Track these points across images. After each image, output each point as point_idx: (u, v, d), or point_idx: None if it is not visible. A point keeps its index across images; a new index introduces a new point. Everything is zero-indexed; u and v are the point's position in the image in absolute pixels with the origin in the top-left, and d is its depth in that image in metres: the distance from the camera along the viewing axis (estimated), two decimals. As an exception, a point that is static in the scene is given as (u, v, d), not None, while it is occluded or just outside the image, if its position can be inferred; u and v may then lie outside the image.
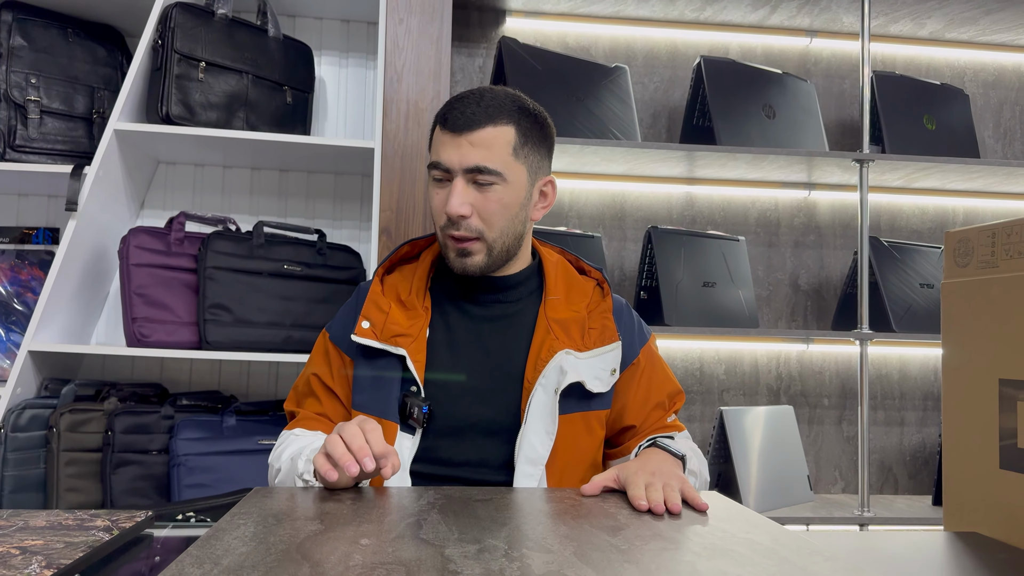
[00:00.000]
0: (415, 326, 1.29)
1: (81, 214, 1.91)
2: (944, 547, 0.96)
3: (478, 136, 1.23)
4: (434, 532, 0.80)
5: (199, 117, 1.97)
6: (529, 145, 1.27)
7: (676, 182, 2.55)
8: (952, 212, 2.68)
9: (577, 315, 1.31)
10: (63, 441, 1.86)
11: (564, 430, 1.24)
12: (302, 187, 2.32)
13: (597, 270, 1.40)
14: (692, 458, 1.24)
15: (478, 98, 1.25)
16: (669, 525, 0.88)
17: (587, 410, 1.28)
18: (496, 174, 1.23)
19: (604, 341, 1.30)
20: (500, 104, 1.25)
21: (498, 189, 1.24)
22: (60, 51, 2.04)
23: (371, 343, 1.27)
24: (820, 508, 2.29)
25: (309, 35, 2.32)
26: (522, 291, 1.35)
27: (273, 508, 0.90)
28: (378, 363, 1.28)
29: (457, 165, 1.23)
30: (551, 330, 1.28)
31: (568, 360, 1.25)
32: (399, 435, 1.25)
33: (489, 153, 1.23)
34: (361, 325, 1.28)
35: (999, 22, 2.52)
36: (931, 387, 2.62)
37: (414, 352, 1.26)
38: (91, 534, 0.86)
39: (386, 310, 1.30)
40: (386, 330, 1.27)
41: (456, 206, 1.22)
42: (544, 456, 1.22)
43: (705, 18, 2.54)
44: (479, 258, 1.26)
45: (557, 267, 1.37)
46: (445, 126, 1.25)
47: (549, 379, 1.24)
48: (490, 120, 1.23)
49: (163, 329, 1.92)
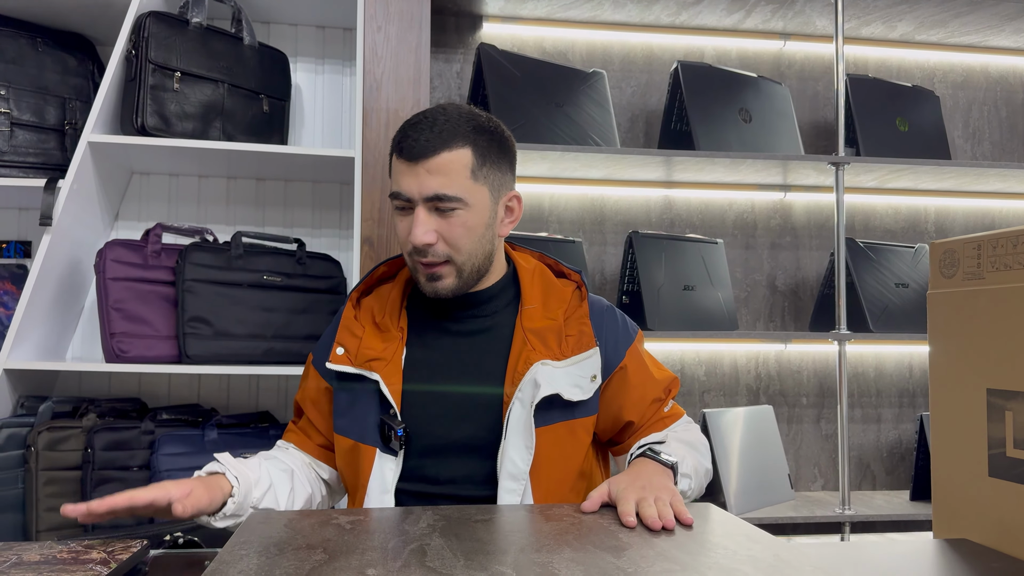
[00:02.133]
0: (389, 349, 1.29)
1: (55, 228, 1.87)
2: (936, 555, 0.97)
3: (434, 163, 1.21)
4: (439, 559, 0.80)
5: (175, 128, 1.94)
6: (488, 164, 1.26)
7: (655, 186, 2.56)
8: (924, 212, 2.73)
9: (554, 323, 1.30)
10: (42, 460, 1.83)
11: (544, 441, 1.23)
12: (280, 196, 2.30)
13: (576, 272, 1.38)
14: (685, 459, 1.24)
15: (431, 123, 1.23)
16: (671, 544, 0.88)
17: (571, 419, 1.26)
18: (456, 200, 1.22)
19: (581, 348, 1.28)
20: (454, 127, 1.23)
21: (460, 214, 1.23)
22: (29, 61, 2.00)
23: (345, 369, 1.27)
24: (801, 506, 2.32)
25: (284, 42, 2.30)
26: (497, 303, 1.34)
27: (273, 536, 0.89)
28: (355, 388, 1.28)
29: (417, 194, 1.22)
30: (528, 341, 1.27)
31: (544, 371, 1.24)
32: (380, 456, 1.25)
33: (447, 180, 1.21)
34: (336, 351, 1.28)
35: (967, 24, 2.57)
36: (906, 384, 2.66)
37: (388, 376, 1.26)
38: (88, 568, 0.84)
39: (359, 335, 1.30)
40: (360, 355, 1.28)
41: (420, 235, 1.21)
42: (525, 471, 1.22)
43: (681, 22, 2.55)
44: (449, 281, 1.26)
45: (533, 274, 1.36)
46: (401, 155, 1.23)
47: (525, 392, 1.23)
48: (445, 145, 1.21)
49: (142, 344, 1.89)
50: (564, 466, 1.27)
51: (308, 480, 1.32)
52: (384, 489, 1.23)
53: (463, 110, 1.27)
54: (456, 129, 1.23)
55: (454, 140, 1.22)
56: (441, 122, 1.23)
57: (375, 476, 1.24)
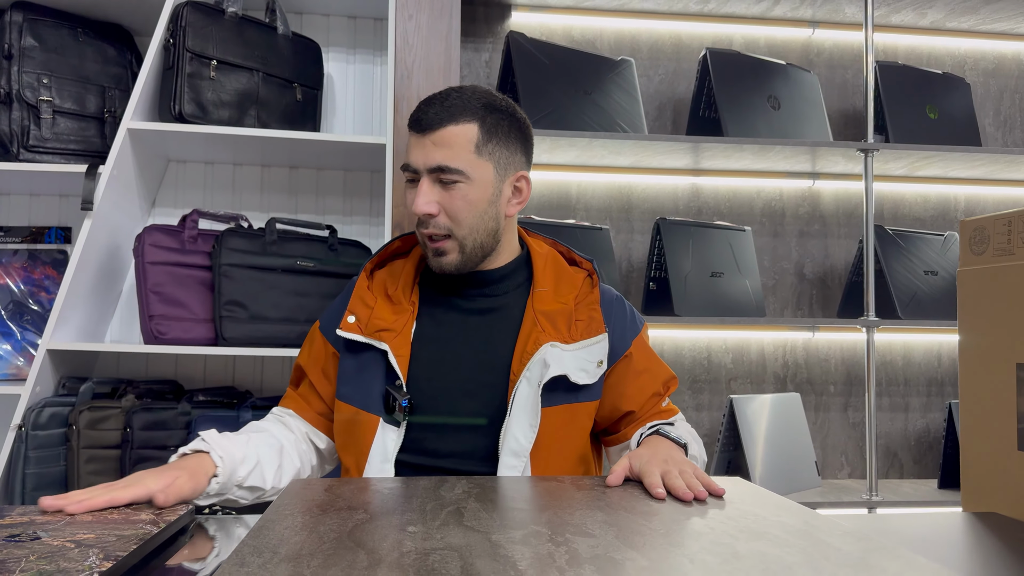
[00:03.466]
0: (399, 321, 1.31)
1: (96, 213, 1.92)
2: (965, 527, 0.98)
3: (439, 135, 1.24)
4: (477, 519, 0.83)
5: (211, 115, 1.99)
6: (495, 141, 1.28)
7: (682, 173, 2.57)
8: (954, 199, 2.71)
9: (564, 307, 1.32)
10: (83, 438, 1.88)
11: (549, 422, 1.25)
12: (312, 184, 2.34)
13: (588, 261, 1.40)
14: (692, 444, 1.27)
15: (443, 98, 1.27)
16: (700, 510, 0.90)
17: (574, 402, 1.28)
18: (458, 172, 1.24)
19: (590, 333, 1.30)
20: (464, 102, 1.26)
21: (462, 187, 1.25)
22: (71, 51, 2.05)
23: (355, 337, 1.29)
24: (828, 493, 2.33)
25: (316, 32, 2.34)
26: (508, 284, 1.36)
27: (314, 499, 0.92)
28: (362, 356, 1.31)
29: (422, 165, 1.25)
30: (537, 322, 1.29)
31: (553, 353, 1.25)
32: (383, 427, 1.27)
33: (450, 152, 1.24)
34: (347, 319, 1.31)
35: (999, 11, 2.55)
36: (935, 372, 2.65)
37: (397, 347, 1.28)
38: (139, 527, 0.88)
39: (371, 305, 1.33)
40: (370, 324, 1.30)
41: (421, 205, 1.24)
42: (527, 448, 1.23)
43: (709, 10, 2.56)
44: (452, 256, 1.29)
45: (546, 259, 1.38)
46: (412, 127, 1.27)
47: (533, 372, 1.25)
48: (451, 119, 1.24)
49: (180, 326, 1.94)
50: (564, 448, 1.29)
51: (299, 454, 1.33)
52: (385, 458, 1.26)
53: (479, 90, 1.30)
54: (466, 105, 1.26)
55: (461, 114, 1.25)
56: (453, 97, 1.27)
57: (376, 445, 1.26)
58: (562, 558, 0.69)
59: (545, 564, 0.67)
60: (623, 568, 0.67)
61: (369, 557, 0.69)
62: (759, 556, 0.71)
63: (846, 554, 0.72)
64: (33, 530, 0.86)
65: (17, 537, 0.83)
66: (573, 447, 1.31)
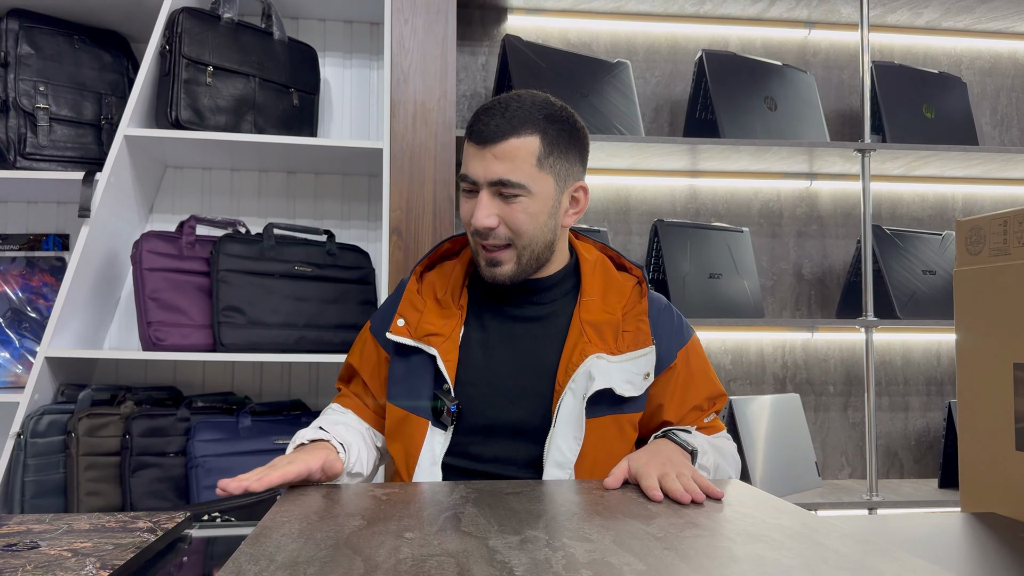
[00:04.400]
0: (448, 325, 1.31)
1: (93, 220, 1.92)
2: (964, 528, 0.98)
3: (501, 149, 1.22)
4: (474, 525, 0.83)
5: (208, 121, 1.99)
6: (556, 154, 1.26)
7: (680, 175, 2.57)
8: (952, 199, 2.71)
9: (612, 317, 1.30)
10: (82, 446, 1.88)
11: (594, 434, 1.24)
12: (310, 189, 2.34)
13: (638, 267, 1.38)
14: (707, 452, 1.24)
15: (503, 108, 1.24)
16: (699, 513, 0.90)
17: (619, 413, 1.27)
18: (519, 186, 1.23)
19: (638, 345, 1.29)
20: (526, 114, 1.24)
21: (523, 200, 1.24)
22: (67, 58, 2.06)
23: (405, 341, 1.30)
24: (829, 494, 2.32)
25: (313, 37, 2.34)
26: (557, 292, 1.35)
27: (312, 506, 0.92)
28: (412, 360, 1.31)
29: (482, 178, 1.24)
30: (584, 332, 1.28)
31: (599, 365, 1.25)
32: (431, 430, 1.27)
33: (512, 166, 1.22)
34: (396, 323, 1.31)
35: (994, 10, 2.55)
36: (934, 372, 2.65)
37: (445, 352, 1.28)
38: (136, 535, 0.88)
39: (421, 309, 1.32)
40: (420, 328, 1.30)
41: (482, 219, 1.23)
42: (572, 460, 1.23)
43: (705, 12, 2.56)
44: (508, 267, 1.27)
45: (595, 266, 1.36)
46: (471, 137, 1.25)
47: (579, 384, 1.24)
48: (514, 132, 1.22)
49: (178, 332, 1.94)
50: (608, 459, 1.26)
51: (372, 445, 1.36)
52: (433, 461, 1.26)
53: (538, 98, 1.28)
54: (527, 116, 1.24)
55: (523, 127, 1.23)
56: (513, 108, 1.24)
57: (425, 448, 1.26)
58: (559, 563, 0.69)
59: (542, 569, 0.67)
60: (620, 573, 0.67)
61: (365, 564, 0.69)
62: (756, 559, 0.71)
63: (844, 556, 0.72)
64: (31, 539, 0.86)
65: (15, 546, 0.83)
66: (617, 458, 1.27)
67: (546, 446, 1.24)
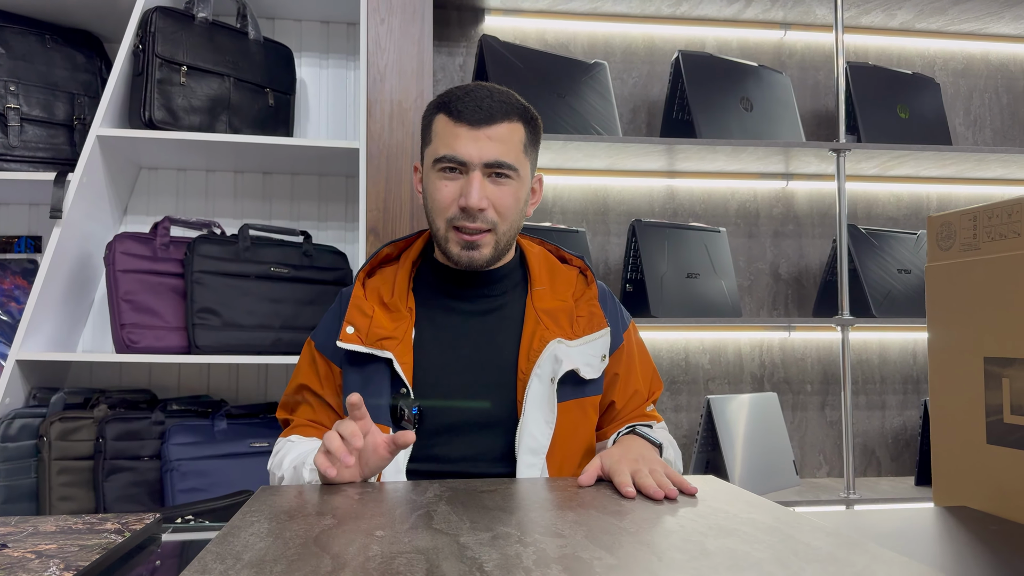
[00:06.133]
0: (400, 328, 1.29)
1: (65, 221, 1.90)
2: (936, 521, 0.99)
3: (496, 131, 1.24)
4: (446, 522, 0.82)
5: (182, 121, 1.97)
6: (532, 143, 1.31)
7: (657, 175, 2.58)
8: (926, 198, 2.74)
9: (564, 304, 1.33)
10: (54, 450, 1.85)
11: (562, 418, 1.26)
12: (286, 189, 2.32)
13: (579, 258, 1.42)
14: (668, 447, 1.27)
15: (488, 93, 1.26)
16: (672, 508, 0.90)
17: (582, 396, 1.30)
18: (512, 169, 1.26)
19: (592, 328, 1.32)
20: (510, 101, 1.27)
21: (512, 184, 1.27)
22: (38, 58, 2.03)
23: (357, 348, 1.27)
24: (807, 492, 2.34)
25: (289, 37, 2.33)
26: (507, 284, 1.36)
27: (283, 505, 0.91)
28: (366, 368, 1.28)
29: (476, 159, 1.24)
30: (540, 320, 1.30)
31: (560, 348, 1.27)
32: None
33: (506, 148, 1.25)
34: (346, 331, 1.28)
35: (967, 12, 2.58)
36: (910, 370, 2.67)
37: (400, 354, 1.26)
38: (103, 536, 0.87)
39: (369, 314, 1.30)
40: (371, 334, 1.28)
41: (477, 199, 1.23)
42: (545, 445, 1.24)
43: (681, 13, 2.57)
44: (487, 251, 1.28)
45: (540, 258, 1.39)
46: (460, 119, 1.24)
47: (544, 368, 1.26)
48: (506, 116, 1.25)
49: (152, 335, 1.92)
50: (576, 442, 1.30)
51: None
52: (397, 470, 1.24)
53: (505, 89, 1.31)
54: (513, 104, 1.28)
55: (512, 113, 1.27)
56: (497, 94, 1.27)
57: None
58: (529, 559, 0.69)
59: (512, 565, 0.67)
60: (590, 567, 0.66)
61: (333, 562, 0.68)
62: (728, 553, 0.71)
63: (815, 549, 0.72)
64: (-6, 542, 0.85)
65: (-23, 549, 0.82)
66: (583, 440, 1.31)
67: (517, 435, 1.24)
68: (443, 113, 1.27)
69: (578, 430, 1.30)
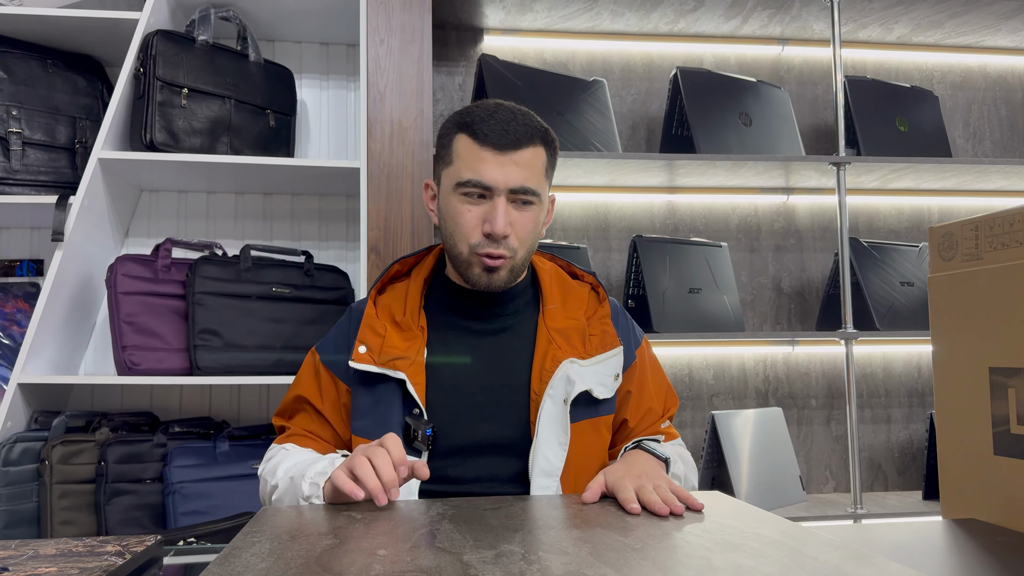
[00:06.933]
0: (412, 347, 1.27)
1: (67, 244, 1.90)
2: (944, 534, 0.98)
3: (521, 156, 1.23)
4: (449, 541, 0.81)
5: (183, 143, 1.98)
6: (551, 166, 1.30)
7: (657, 191, 2.58)
8: (927, 211, 2.74)
9: (576, 323, 1.31)
10: (56, 473, 1.84)
11: (575, 439, 1.24)
12: (287, 210, 2.33)
13: (590, 275, 1.40)
14: (677, 462, 1.25)
15: (511, 116, 1.24)
16: (677, 524, 0.89)
17: (595, 416, 1.28)
18: (535, 195, 1.24)
19: (605, 347, 1.30)
20: (534, 124, 1.25)
21: (534, 209, 1.26)
22: (40, 83, 2.04)
23: (369, 368, 1.24)
24: (814, 507, 2.32)
25: (289, 59, 2.34)
26: (519, 303, 1.34)
27: (285, 526, 0.91)
28: (377, 389, 1.26)
29: (502, 184, 1.22)
30: (552, 340, 1.28)
31: (573, 369, 1.25)
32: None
33: (530, 173, 1.23)
34: (358, 350, 1.26)
35: (964, 24, 2.59)
36: (915, 384, 2.66)
37: (413, 375, 1.24)
38: (104, 559, 0.86)
39: (382, 333, 1.28)
40: (383, 353, 1.25)
41: (503, 226, 1.21)
42: (559, 468, 1.22)
43: (679, 30, 2.58)
44: (504, 274, 1.26)
45: (551, 275, 1.37)
46: (485, 142, 1.22)
47: (557, 390, 1.24)
48: (530, 140, 1.23)
49: (153, 357, 1.92)
50: (590, 462, 1.27)
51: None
52: (409, 492, 1.21)
53: (525, 110, 1.28)
54: (536, 127, 1.25)
55: (536, 137, 1.25)
56: (520, 116, 1.25)
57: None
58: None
59: (516, 583, 0.66)
60: (595, 584, 0.66)
61: (336, 581, 0.67)
62: (734, 567, 0.70)
63: (822, 563, 0.71)
64: (-7, 566, 0.84)
65: (-24, 573, 0.81)
66: (598, 461, 1.29)
67: (530, 457, 1.23)
68: (465, 134, 1.24)
69: (592, 450, 1.28)
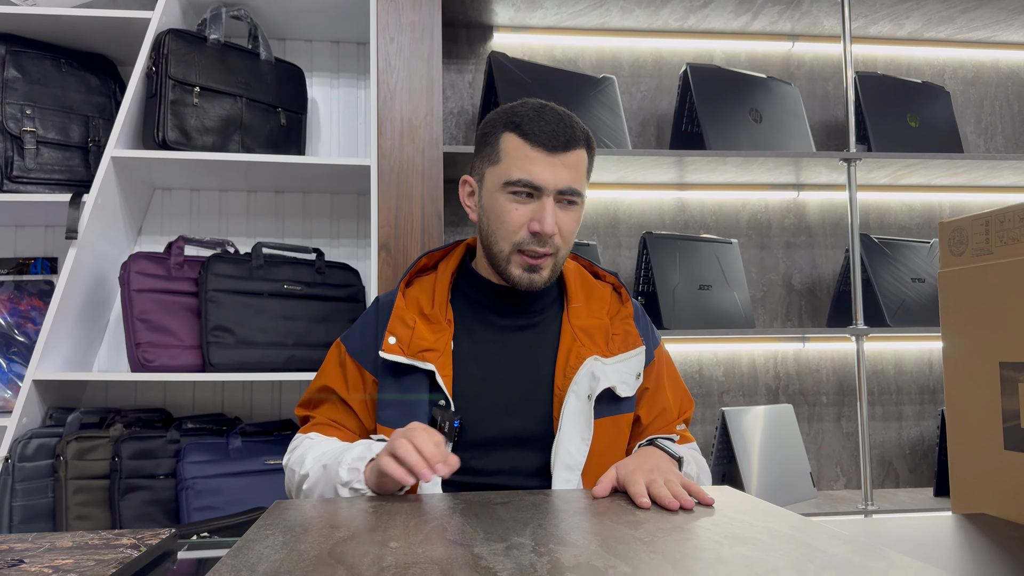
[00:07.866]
0: (441, 340, 1.29)
1: (81, 242, 1.92)
2: (954, 529, 0.98)
3: (570, 158, 1.25)
4: (460, 533, 0.82)
5: (195, 141, 1.99)
6: (591, 167, 1.32)
7: (667, 188, 2.58)
8: (939, 207, 2.73)
9: (600, 322, 1.33)
10: (70, 469, 1.86)
11: (597, 434, 1.26)
12: (298, 207, 2.34)
13: (612, 275, 1.42)
14: (690, 463, 1.27)
15: (559, 117, 1.26)
16: (687, 517, 0.90)
17: (617, 414, 1.30)
18: (580, 195, 1.27)
19: (628, 346, 1.32)
20: (579, 127, 1.27)
21: (577, 209, 1.28)
22: (54, 82, 2.06)
23: (399, 359, 1.26)
24: (824, 504, 2.32)
25: (300, 57, 2.35)
26: (545, 301, 1.36)
27: (297, 519, 0.92)
28: (405, 379, 1.27)
29: (552, 185, 1.24)
30: (577, 337, 1.30)
31: (597, 366, 1.27)
32: None
33: (577, 175, 1.26)
34: (388, 341, 1.27)
35: (975, 20, 2.58)
36: (927, 380, 2.65)
37: (442, 366, 1.26)
38: (119, 551, 0.87)
39: (411, 324, 1.29)
40: (413, 345, 1.27)
41: (551, 226, 1.23)
42: (581, 462, 1.24)
43: (689, 26, 2.58)
44: (546, 273, 1.28)
45: (576, 275, 1.39)
46: (536, 143, 1.23)
47: (581, 386, 1.26)
48: (576, 143, 1.26)
49: (166, 353, 1.93)
50: (611, 458, 1.27)
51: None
52: (433, 482, 1.22)
53: (568, 111, 1.30)
54: (580, 129, 1.28)
55: (581, 139, 1.27)
56: (566, 118, 1.27)
57: None
58: (544, 568, 0.69)
59: (526, 574, 0.67)
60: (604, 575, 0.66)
61: (348, 573, 0.68)
62: (743, 560, 0.70)
63: (831, 556, 0.72)
64: (12, 557, 0.85)
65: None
66: (618, 457, 1.30)
67: (553, 451, 1.24)
68: (514, 133, 1.25)
69: (613, 447, 1.30)
